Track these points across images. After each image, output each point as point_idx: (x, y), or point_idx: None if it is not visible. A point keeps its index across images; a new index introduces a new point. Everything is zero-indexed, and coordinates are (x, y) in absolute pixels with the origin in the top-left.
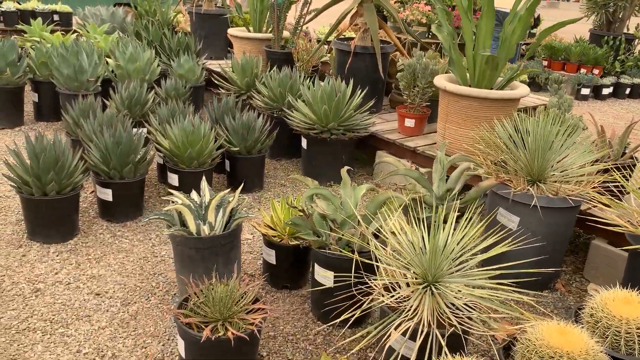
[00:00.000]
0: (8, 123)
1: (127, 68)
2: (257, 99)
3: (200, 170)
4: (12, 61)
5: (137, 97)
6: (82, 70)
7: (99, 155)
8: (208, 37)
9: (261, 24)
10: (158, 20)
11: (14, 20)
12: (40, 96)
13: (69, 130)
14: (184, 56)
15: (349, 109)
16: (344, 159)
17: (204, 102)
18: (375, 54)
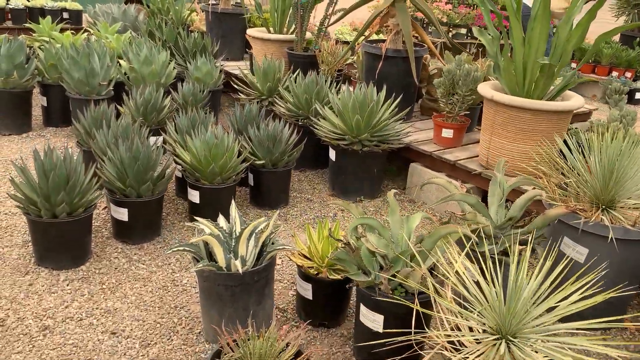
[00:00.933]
0: (15, 129)
1: (142, 71)
2: (280, 105)
3: (224, 187)
4: (20, 63)
5: (153, 103)
6: (93, 74)
7: (114, 171)
8: (225, 37)
9: (282, 25)
10: (172, 19)
11: (22, 18)
12: (49, 100)
13: (80, 140)
14: (201, 58)
15: (383, 119)
16: (376, 172)
17: (221, 107)
18: (407, 57)
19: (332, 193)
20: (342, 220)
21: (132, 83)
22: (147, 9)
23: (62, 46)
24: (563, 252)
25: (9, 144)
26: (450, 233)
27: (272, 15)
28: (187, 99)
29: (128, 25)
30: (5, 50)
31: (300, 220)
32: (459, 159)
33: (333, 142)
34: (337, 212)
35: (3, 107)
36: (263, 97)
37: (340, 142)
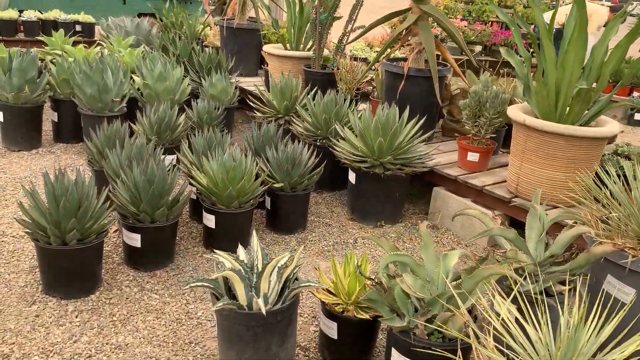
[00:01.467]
0: (25, 144)
1: (156, 88)
2: (297, 124)
3: (242, 211)
4: (32, 78)
5: (168, 121)
6: (106, 90)
7: (128, 195)
8: (240, 52)
9: (299, 42)
10: (185, 34)
11: (34, 31)
12: (60, 115)
13: (92, 159)
14: (216, 75)
15: (406, 141)
16: (397, 196)
17: (234, 123)
18: (430, 77)
19: (352, 217)
20: (362, 247)
21: (146, 100)
22: (160, 23)
23: (74, 60)
24: (606, 291)
25: (18, 161)
26: (494, 275)
27: (289, 31)
28: (202, 117)
29: (141, 39)
30: (17, 64)
31: (319, 247)
32: (485, 185)
33: (354, 164)
34: (358, 239)
35: (13, 122)
36: (279, 115)
37: (361, 165)
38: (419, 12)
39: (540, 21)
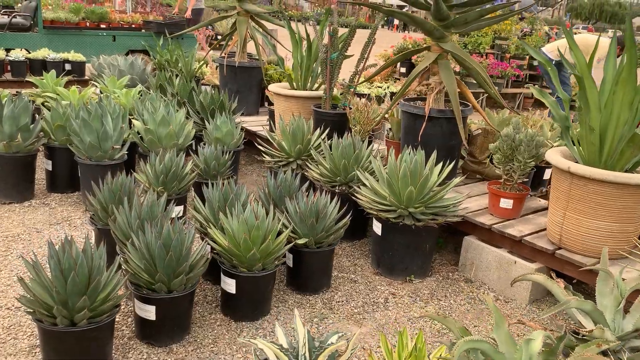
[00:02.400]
0: (16, 196)
1: (158, 132)
2: (313, 170)
3: (265, 274)
4: (25, 125)
5: (175, 171)
6: (106, 137)
7: (141, 263)
8: (240, 91)
9: (306, 81)
10: (181, 72)
11: (22, 71)
12: (54, 164)
13: (95, 217)
14: (220, 117)
15: (436, 189)
16: (428, 248)
17: (239, 168)
18: (452, 118)
19: (377, 271)
20: (395, 307)
21: (148, 145)
22: (154, 61)
23: (69, 104)
24: None
25: (10, 215)
26: None
27: (296, 70)
28: (210, 163)
29: (135, 78)
30: (10, 111)
31: (348, 309)
32: (524, 235)
33: (381, 215)
34: (388, 297)
35: (4, 173)
36: (290, 159)
37: (389, 216)
38: (439, 50)
39: (580, 59)
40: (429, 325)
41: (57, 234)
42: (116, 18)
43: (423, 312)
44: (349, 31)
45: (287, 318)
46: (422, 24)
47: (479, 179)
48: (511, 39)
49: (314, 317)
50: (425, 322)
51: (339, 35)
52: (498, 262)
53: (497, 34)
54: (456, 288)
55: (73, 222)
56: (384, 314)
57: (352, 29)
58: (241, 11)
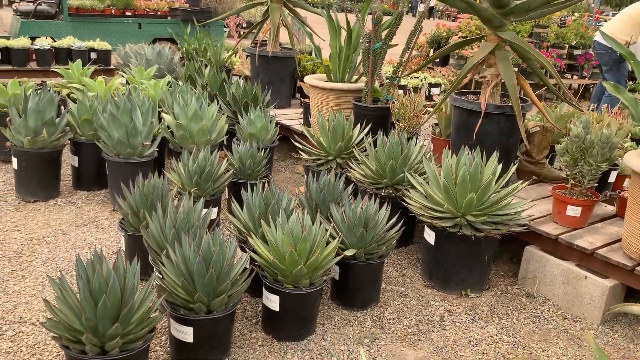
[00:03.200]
0: (41, 194)
1: (190, 128)
2: (355, 170)
3: (313, 291)
4: (50, 119)
5: (209, 170)
6: (136, 133)
7: (178, 279)
8: (272, 82)
9: (345, 72)
10: (210, 61)
11: (47, 60)
12: (81, 160)
13: (125, 223)
14: (254, 111)
15: (499, 195)
16: (486, 260)
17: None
18: (511, 115)
19: (429, 283)
20: (452, 327)
21: (179, 142)
22: (181, 50)
23: (97, 97)
24: None
25: (34, 214)
26: None
27: (334, 61)
28: (245, 162)
29: (163, 68)
30: (34, 104)
31: (400, 328)
32: (595, 247)
33: (435, 223)
34: (444, 315)
35: (29, 170)
36: (330, 158)
37: (444, 225)
38: (497, 40)
39: None
40: (493, 349)
41: (83, 236)
42: (142, 5)
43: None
44: (395, 19)
45: (335, 338)
46: (482, 12)
47: (536, 181)
48: (550, 27)
49: (364, 337)
50: (489, 345)
51: (382, 23)
52: (565, 276)
53: (536, 21)
54: (517, 304)
55: (100, 223)
56: (440, 334)
57: (398, 16)
58: None
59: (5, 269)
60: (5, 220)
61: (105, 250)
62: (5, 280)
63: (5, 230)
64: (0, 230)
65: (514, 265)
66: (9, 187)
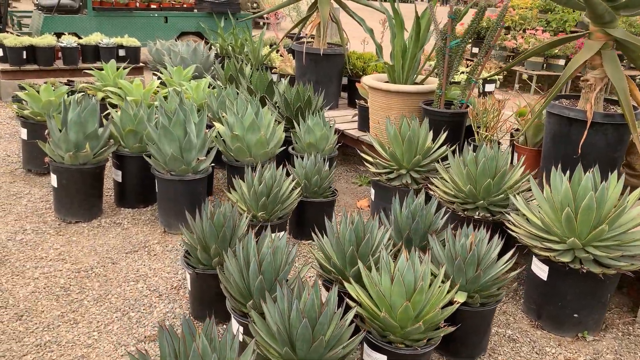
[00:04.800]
0: (84, 214)
1: (247, 139)
2: (439, 188)
3: (427, 350)
4: (93, 132)
5: (277, 192)
6: (190, 147)
7: (277, 346)
8: (320, 82)
9: (409, 72)
10: (248, 59)
11: (74, 58)
12: (125, 175)
13: (192, 258)
14: (312, 117)
15: (632, 223)
16: (609, 298)
17: None
18: (622, 125)
19: (537, 323)
20: None
21: (234, 155)
22: (216, 46)
23: (140, 105)
24: None
25: (78, 238)
26: None
27: (397, 59)
28: (311, 177)
29: (199, 67)
30: (76, 116)
31: None
32: None
33: (552, 256)
34: None
35: (70, 187)
36: (402, 171)
37: (564, 260)
38: (604, 38)
39: None
40: None
41: (135, 265)
42: None
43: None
44: (477, 13)
45: None
46: (596, 6)
47: None
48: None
49: None
50: None
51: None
52: None
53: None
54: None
55: (152, 248)
56: None
57: (481, 10)
58: None
59: (54, 310)
60: (48, 246)
61: (162, 284)
62: (56, 326)
63: (48, 259)
64: (44, 259)
65: (624, 297)
66: (46, 205)
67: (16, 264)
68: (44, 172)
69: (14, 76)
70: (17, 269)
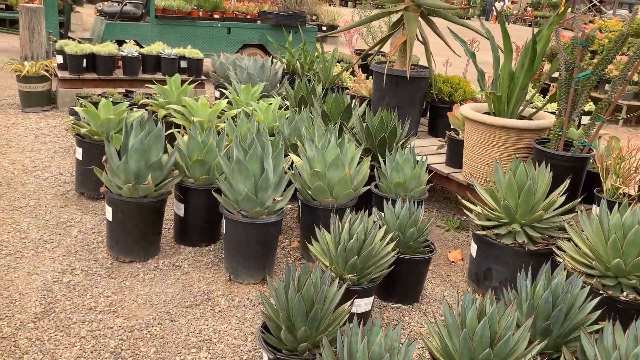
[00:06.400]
0: (140, 253)
1: (329, 177)
2: (569, 254)
3: None
4: (157, 162)
5: (371, 249)
6: (266, 185)
7: None
8: (400, 107)
9: (516, 104)
10: (317, 77)
11: (134, 68)
12: (188, 209)
13: (274, 336)
14: (400, 151)
15: None
16: None
17: None
18: None
19: None
20: None
21: (313, 194)
22: (284, 63)
23: (209, 131)
24: None
25: (133, 283)
26: None
27: (503, 89)
28: (406, 229)
29: (267, 85)
30: (138, 142)
31: None
32: None
33: None
34: None
35: (127, 223)
36: (514, 225)
37: None
38: None
39: None
40: None
41: (197, 326)
42: (230, 7)
43: None
44: (617, 39)
45: None
46: None
47: None
48: None
49: None
50: None
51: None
52: None
53: None
54: None
55: (216, 301)
56: None
57: (620, 37)
58: (411, 5)
59: None
60: (98, 293)
61: (229, 354)
62: None
63: (98, 311)
64: (93, 311)
65: None
66: (98, 237)
67: (61, 315)
68: (97, 197)
69: (73, 85)
70: (62, 322)
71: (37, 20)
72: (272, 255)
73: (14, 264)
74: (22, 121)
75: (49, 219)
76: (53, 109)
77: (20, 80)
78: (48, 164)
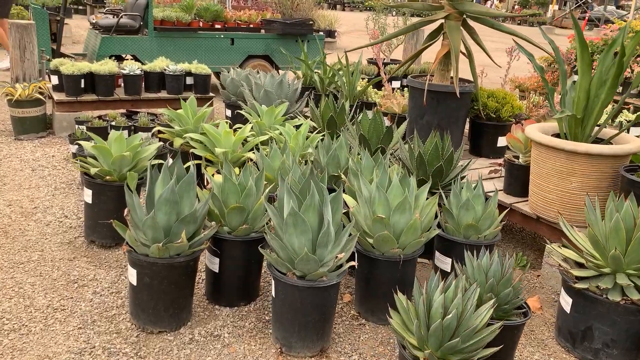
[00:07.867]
0: (169, 321)
1: (394, 223)
2: None
3: None
4: (191, 215)
5: (471, 330)
6: (327, 241)
7: None
8: (441, 126)
9: (594, 126)
10: (340, 92)
11: (136, 87)
12: (223, 264)
13: None
14: (467, 190)
15: None
16: None
17: None
18: None
19: None
20: None
21: (375, 245)
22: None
23: (246, 170)
24: None
25: (161, 358)
26: None
27: (579, 108)
28: (499, 289)
29: (285, 102)
30: (168, 192)
31: None
32: None
33: None
34: None
35: (154, 287)
36: (619, 276)
37: None
38: None
39: None
40: None
41: None
42: (232, 17)
43: None
44: None
45: None
46: None
47: None
48: None
49: None
50: None
51: None
52: None
53: None
54: None
55: None
56: None
57: None
58: (452, 13)
59: None
60: None
61: None
62: None
63: None
64: None
65: None
66: (118, 299)
67: None
68: (110, 245)
69: (70, 108)
70: None
71: (29, 38)
72: (330, 321)
73: (19, 343)
74: (16, 151)
75: (56, 278)
76: (49, 134)
77: (12, 105)
78: (49, 204)
